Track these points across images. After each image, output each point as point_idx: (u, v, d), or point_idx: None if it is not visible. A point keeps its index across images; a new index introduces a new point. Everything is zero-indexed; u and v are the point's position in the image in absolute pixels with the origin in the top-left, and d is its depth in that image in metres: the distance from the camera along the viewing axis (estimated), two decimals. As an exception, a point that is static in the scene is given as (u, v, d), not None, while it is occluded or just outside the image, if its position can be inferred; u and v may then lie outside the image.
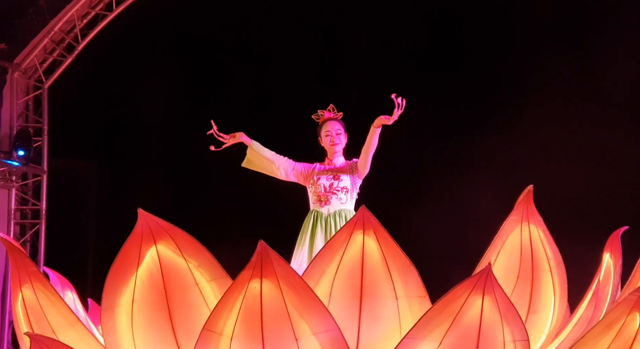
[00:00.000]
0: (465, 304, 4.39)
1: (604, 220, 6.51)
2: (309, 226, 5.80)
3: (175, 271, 4.71)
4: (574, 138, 8.56)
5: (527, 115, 8.49)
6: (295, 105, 7.55)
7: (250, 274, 4.33)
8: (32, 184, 9.50)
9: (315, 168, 5.92)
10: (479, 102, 8.93)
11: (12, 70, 9.25)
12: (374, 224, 4.55)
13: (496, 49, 8.96)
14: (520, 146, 8.63)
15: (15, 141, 9.18)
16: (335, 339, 4.49)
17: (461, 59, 9.03)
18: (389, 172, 7.25)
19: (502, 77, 8.91)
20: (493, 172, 8.49)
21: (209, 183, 9.26)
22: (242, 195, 8.88)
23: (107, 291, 4.83)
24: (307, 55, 9.12)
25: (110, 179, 9.66)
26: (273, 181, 6.13)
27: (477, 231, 5.73)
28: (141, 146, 9.53)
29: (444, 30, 9.09)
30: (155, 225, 4.64)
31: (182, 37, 9.52)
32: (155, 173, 9.51)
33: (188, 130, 9.29)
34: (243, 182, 7.54)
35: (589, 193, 8.43)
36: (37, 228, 9.39)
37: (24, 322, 5.08)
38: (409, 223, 7.78)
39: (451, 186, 8.57)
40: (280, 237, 6.06)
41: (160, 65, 9.42)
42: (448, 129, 8.88)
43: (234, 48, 9.44)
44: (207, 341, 4.56)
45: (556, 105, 8.73)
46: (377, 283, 4.61)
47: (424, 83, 8.82)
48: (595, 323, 5.21)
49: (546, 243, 5.40)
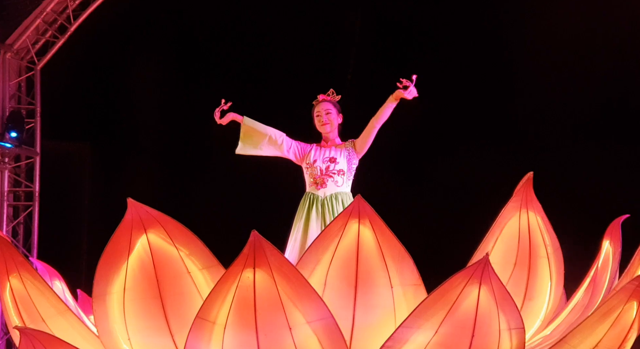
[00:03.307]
0: (462, 294, 4.35)
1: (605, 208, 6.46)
2: (304, 209, 5.74)
3: (167, 259, 4.67)
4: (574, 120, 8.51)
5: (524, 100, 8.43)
6: (289, 89, 7.49)
7: (243, 264, 4.28)
8: (25, 166, 9.46)
9: (311, 149, 5.84)
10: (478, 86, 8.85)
11: (4, 51, 9.16)
12: (370, 213, 4.49)
13: (494, 31, 8.86)
14: (519, 129, 8.58)
15: (8, 122, 9.12)
16: (329, 328, 4.45)
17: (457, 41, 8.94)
18: (386, 157, 7.18)
19: (500, 60, 8.82)
20: (492, 158, 8.45)
21: (203, 164, 9.21)
22: (237, 178, 8.83)
23: (98, 279, 4.79)
24: (302, 37, 9.02)
25: (103, 161, 9.62)
26: (267, 165, 6.06)
27: (476, 218, 5.69)
28: (134, 128, 9.48)
29: (440, 12, 8.98)
30: (146, 214, 4.58)
31: (175, 18, 9.42)
32: (148, 155, 9.46)
33: (182, 113, 9.22)
34: (237, 166, 7.47)
35: (590, 179, 8.39)
36: (30, 210, 9.35)
37: (13, 312, 5.04)
38: (405, 208, 7.74)
39: (449, 172, 8.52)
40: (275, 220, 6.01)
41: (154, 47, 9.32)
42: (447, 114, 8.81)
43: (229, 31, 9.33)
44: (200, 329, 4.51)
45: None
46: (372, 271, 4.57)
47: (421, 66, 8.71)
48: (591, 309, 5.19)
49: (544, 229, 5.37)
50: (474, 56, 8.90)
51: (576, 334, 4.91)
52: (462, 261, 5.11)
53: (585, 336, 4.88)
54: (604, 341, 4.88)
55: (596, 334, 4.92)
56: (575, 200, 8.14)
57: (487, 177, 7.97)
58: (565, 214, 5.97)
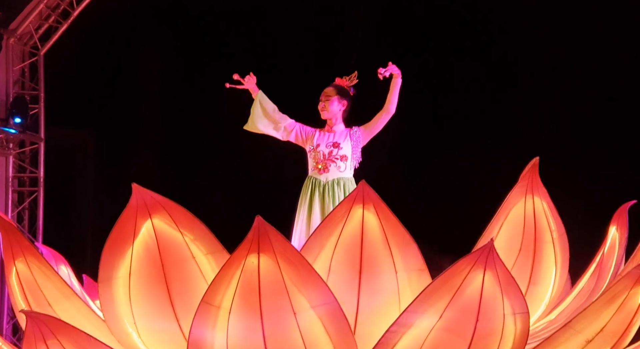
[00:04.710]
0: (466, 279, 4.34)
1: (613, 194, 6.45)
2: (306, 195, 5.74)
3: (172, 244, 4.66)
4: (579, 108, 8.47)
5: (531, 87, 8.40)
6: (294, 74, 7.46)
7: (248, 249, 4.28)
8: (30, 152, 9.48)
9: (315, 133, 5.83)
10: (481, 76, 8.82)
11: (7, 36, 9.16)
12: (374, 198, 4.48)
13: (496, 22, 8.81)
14: (524, 115, 8.55)
15: (12, 108, 9.13)
16: (334, 313, 4.45)
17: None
18: (389, 142, 7.16)
19: (502, 51, 8.78)
20: (496, 143, 8.42)
21: (207, 150, 9.20)
22: (242, 163, 8.83)
23: (104, 263, 4.80)
24: (307, 19, 8.99)
25: (107, 146, 9.62)
26: (271, 146, 6.05)
27: (481, 203, 5.68)
28: (138, 113, 9.47)
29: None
30: (151, 199, 4.58)
31: (180, 3, 9.37)
32: (153, 140, 9.46)
33: (186, 98, 9.21)
34: (242, 151, 7.47)
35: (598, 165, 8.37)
36: (35, 196, 9.38)
37: (19, 296, 5.06)
38: (409, 194, 7.73)
39: (453, 158, 8.50)
40: (279, 204, 6.00)
41: (158, 32, 9.29)
42: (452, 100, 8.78)
43: (231, 14, 9.30)
44: (205, 313, 4.52)
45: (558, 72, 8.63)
46: (376, 256, 4.57)
47: (423, 54, 8.68)
48: (597, 295, 5.18)
49: (550, 214, 5.36)
50: (484, 39, 8.86)
51: (581, 319, 4.90)
52: (467, 247, 5.11)
53: (590, 321, 4.87)
54: (609, 326, 4.87)
55: (601, 320, 4.91)
56: (582, 186, 8.13)
57: (492, 163, 7.95)
58: (572, 200, 5.96)
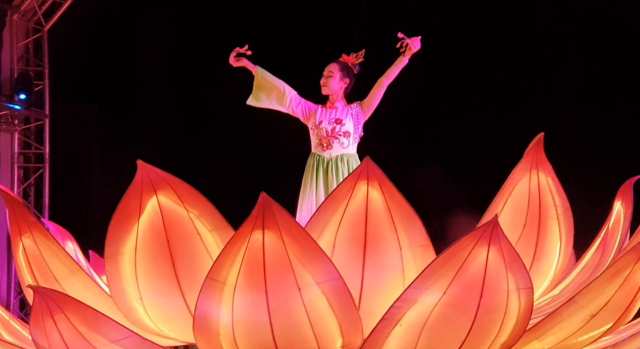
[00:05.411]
0: (471, 255, 4.34)
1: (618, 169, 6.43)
2: (310, 172, 5.73)
3: (177, 220, 4.67)
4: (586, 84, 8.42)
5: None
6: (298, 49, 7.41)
7: (252, 225, 4.29)
8: (35, 128, 9.47)
9: (317, 110, 5.81)
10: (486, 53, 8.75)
11: (10, 12, 9.12)
12: (378, 175, 4.48)
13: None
14: (530, 89, 8.51)
15: (17, 84, 9.12)
16: (338, 288, 4.46)
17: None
18: (393, 118, 7.15)
19: (506, 26, 8.71)
20: (502, 119, 8.39)
21: (212, 127, 9.19)
22: (246, 140, 8.82)
23: (110, 239, 4.82)
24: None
25: (112, 122, 9.62)
26: (275, 123, 6.03)
27: (486, 179, 5.67)
28: (142, 89, 9.45)
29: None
30: (155, 175, 4.58)
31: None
32: (157, 116, 9.46)
33: (190, 74, 9.18)
34: (247, 127, 7.44)
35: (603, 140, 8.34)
36: (40, 172, 9.39)
37: (26, 271, 5.09)
38: (413, 170, 7.72)
39: (458, 133, 8.48)
40: (284, 180, 6.01)
41: (162, 6, 9.24)
42: (456, 74, 8.72)
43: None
44: (211, 289, 4.54)
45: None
46: (380, 233, 4.57)
47: (430, 29, 8.61)
48: (601, 269, 5.19)
49: (554, 190, 5.35)
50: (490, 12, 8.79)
51: (585, 294, 4.91)
52: (471, 223, 5.11)
53: (595, 296, 4.89)
54: (613, 300, 4.89)
55: (605, 294, 4.92)
56: (587, 160, 8.11)
57: (497, 139, 7.93)
58: (577, 175, 5.95)
